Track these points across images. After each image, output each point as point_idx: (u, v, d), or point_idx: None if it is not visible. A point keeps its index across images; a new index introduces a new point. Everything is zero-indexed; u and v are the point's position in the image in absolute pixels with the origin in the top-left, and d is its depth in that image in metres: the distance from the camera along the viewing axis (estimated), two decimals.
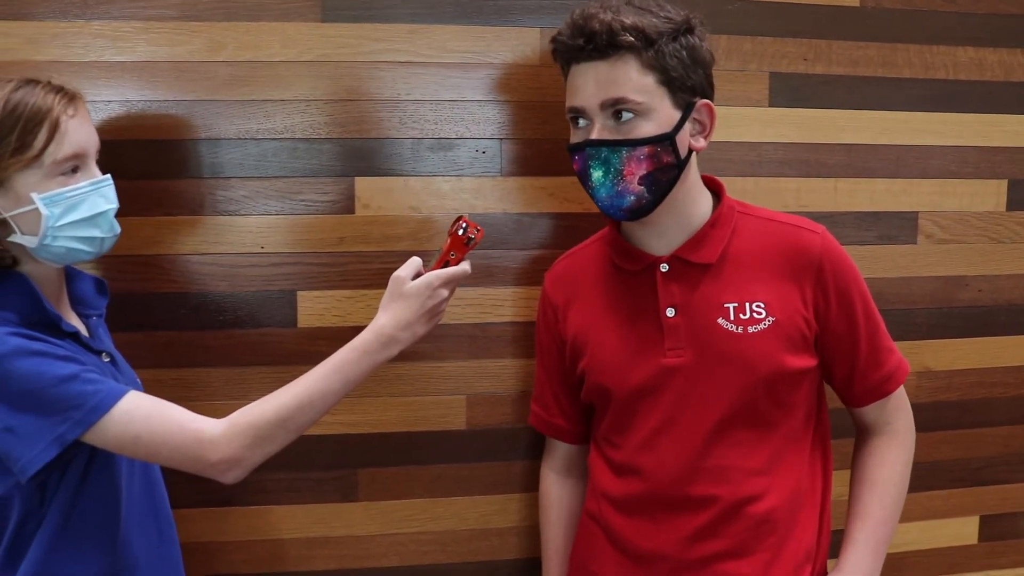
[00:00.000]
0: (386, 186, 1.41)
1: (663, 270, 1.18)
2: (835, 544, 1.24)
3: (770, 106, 1.49)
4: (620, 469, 1.23)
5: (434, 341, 1.43)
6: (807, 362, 1.17)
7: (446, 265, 1.13)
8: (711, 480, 1.16)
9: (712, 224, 1.18)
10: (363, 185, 1.40)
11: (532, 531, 1.48)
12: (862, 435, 1.28)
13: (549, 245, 1.45)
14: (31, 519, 1.03)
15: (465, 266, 1.14)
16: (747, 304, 1.15)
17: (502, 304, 1.45)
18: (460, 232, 1.13)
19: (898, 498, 1.23)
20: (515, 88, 1.42)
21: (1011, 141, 1.57)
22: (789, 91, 1.49)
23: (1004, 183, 1.58)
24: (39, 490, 1.02)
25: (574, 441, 1.35)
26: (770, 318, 1.15)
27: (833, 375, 1.23)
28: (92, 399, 0.99)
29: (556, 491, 1.37)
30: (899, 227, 1.56)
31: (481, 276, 1.43)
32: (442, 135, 1.41)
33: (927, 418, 1.60)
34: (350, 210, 1.40)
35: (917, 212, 1.56)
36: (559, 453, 1.38)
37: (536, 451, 1.45)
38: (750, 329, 1.14)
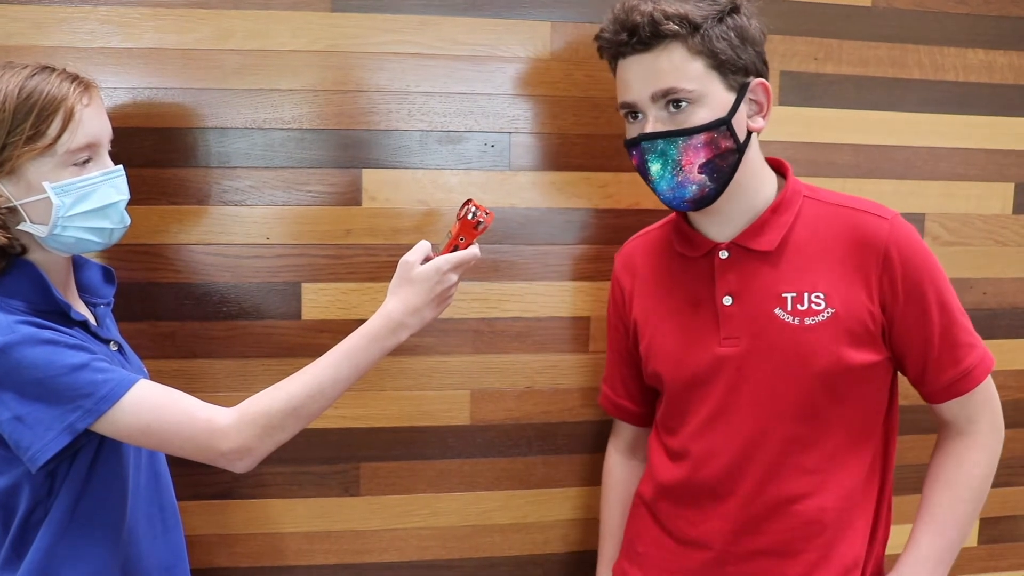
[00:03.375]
0: (393, 178, 1.43)
1: (722, 257, 1.17)
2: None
3: (780, 105, 1.51)
4: (674, 455, 1.24)
5: (439, 335, 1.46)
6: (871, 356, 1.13)
7: (455, 249, 1.15)
8: (759, 473, 1.15)
9: (774, 210, 1.16)
10: (370, 177, 1.42)
11: (534, 527, 1.51)
12: (941, 432, 1.22)
13: (557, 241, 1.47)
14: (39, 508, 1.05)
15: (475, 250, 1.15)
16: (806, 294, 1.13)
17: (508, 299, 1.47)
18: (469, 216, 1.14)
19: (973, 502, 1.18)
20: (525, 82, 1.44)
21: (1019, 144, 1.60)
22: (799, 90, 1.52)
23: (1011, 186, 1.61)
24: (48, 479, 1.04)
25: (639, 423, 1.37)
26: (829, 309, 1.12)
27: (906, 370, 1.18)
28: (103, 388, 1.00)
29: (618, 471, 1.40)
30: None
31: (487, 271, 1.46)
32: (451, 128, 1.43)
33: (929, 420, 1.60)
34: (357, 202, 1.42)
35: (924, 214, 1.59)
36: (624, 434, 1.41)
37: (541, 447, 1.48)
38: (807, 321, 1.13)
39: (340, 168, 1.42)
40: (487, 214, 1.15)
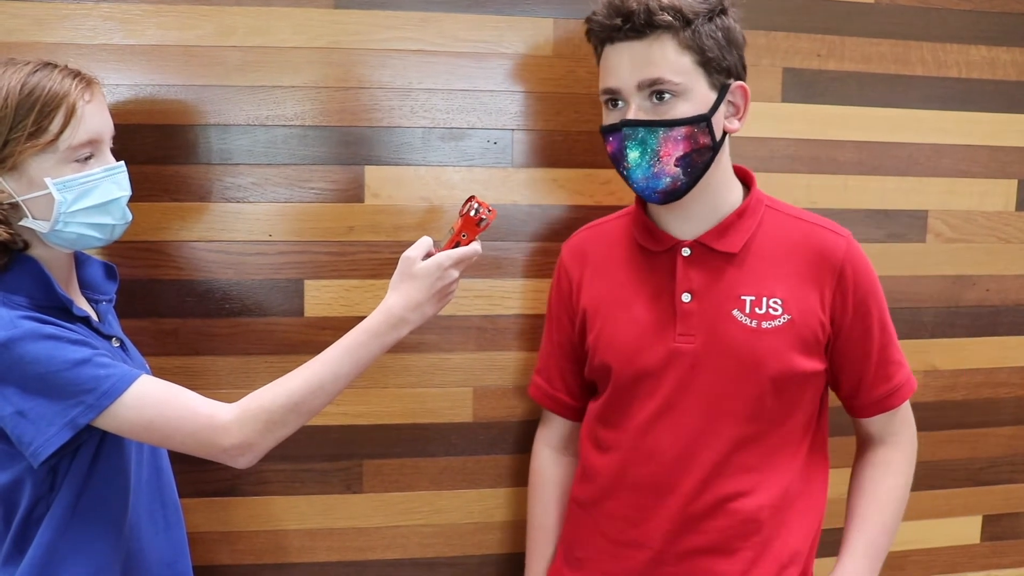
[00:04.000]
0: (396, 175, 1.42)
1: (684, 254, 1.18)
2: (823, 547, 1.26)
3: (782, 102, 1.51)
4: (612, 451, 1.23)
5: (442, 333, 1.45)
6: (816, 365, 1.17)
7: (457, 246, 1.15)
8: (703, 471, 1.16)
9: (739, 214, 1.18)
10: (373, 174, 1.42)
11: None
12: (864, 445, 1.29)
13: (559, 238, 1.45)
14: (41, 504, 1.05)
15: (476, 246, 1.15)
16: (764, 299, 1.15)
17: (511, 296, 1.47)
18: (472, 213, 1.14)
19: (898, 509, 1.24)
20: (527, 79, 1.44)
21: (1022, 141, 1.60)
22: (802, 87, 1.51)
23: (1014, 183, 1.61)
24: (50, 475, 1.04)
25: (574, 417, 1.36)
26: (785, 316, 1.15)
27: (840, 383, 1.24)
28: (105, 383, 1.00)
29: (550, 468, 1.38)
30: (908, 225, 1.58)
31: (490, 268, 1.45)
32: (453, 125, 1.43)
33: (932, 417, 1.63)
34: (359, 199, 1.42)
35: (927, 211, 1.58)
36: (557, 429, 1.38)
37: None
38: (764, 324, 1.15)
39: (342, 165, 1.41)
40: (490, 211, 1.15)
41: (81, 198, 1.04)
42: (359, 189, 1.42)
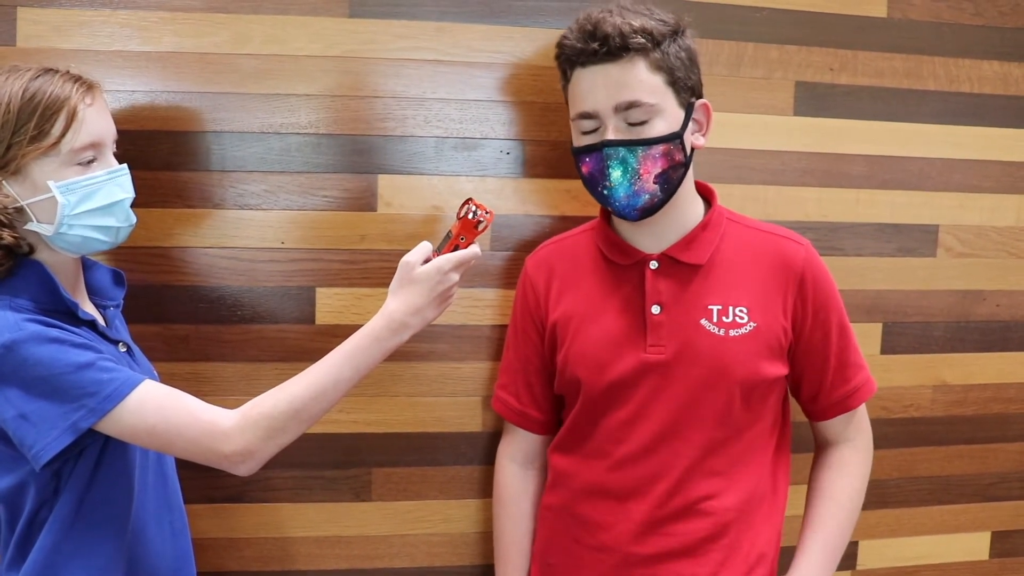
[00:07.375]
0: (409, 184, 1.35)
1: (652, 267, 1.16)
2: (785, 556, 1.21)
3: (794, 115, 1.43)
4: (583, 459, 1.19)
5: (452, 342, 1.38)
6: (780, 370, 1.16)
7: (456, 249, 1.09)
8: (674, 476, 1.14)
9: (703, 227, 1.17)
10: (385, 183, 1.34)
11: None
12: (821, 449, 1.26)
13: None
14: (44, 508, 0.99)
15: (475, 249, 1.10)
16: (730, 308, 1.13)
17: None
18: (470, 216, 1.10)
19: (853, 511, 1.21)
20: (541, 89, 1.36)
21: None
22: (814, 100, 1.43)
23: None
24: (54, 479, 0.98)
25: (542, 431, 1.30)
26: (751, 323, 1.13)
27: (800, 386, 1.21)
28: (107, 387, 0.94)
29: (517, 483, 1.31)
30: (919, 240, 1.50)
31: (501, 277, 1.38)
32: (466, 135, 1.35)
33: (941, 432, 1.55)
34: (372, 207, 1.34)
35: (937, 225, 1.50)
36: (521, 444, 1.31)
37: None
38: (731, 332, 1.13)
39: (355, 173, 1.34)
40: (488, 213, 1.10)
41: (84, 200, 0.99)
42: (371, 198, 1.34)
